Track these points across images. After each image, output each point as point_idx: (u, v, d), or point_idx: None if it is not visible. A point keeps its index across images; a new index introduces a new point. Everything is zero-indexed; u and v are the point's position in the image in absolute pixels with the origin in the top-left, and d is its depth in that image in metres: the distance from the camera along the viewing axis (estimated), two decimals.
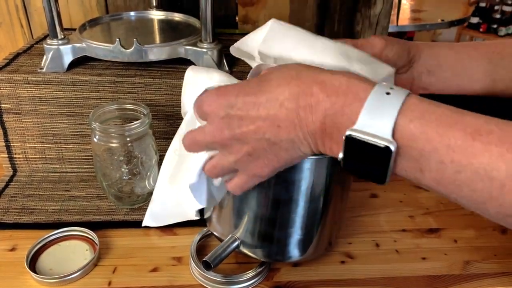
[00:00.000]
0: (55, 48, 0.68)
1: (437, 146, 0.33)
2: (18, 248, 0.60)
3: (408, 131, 0.34)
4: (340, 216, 0.57)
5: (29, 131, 0.71)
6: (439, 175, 0.33)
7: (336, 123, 0.36)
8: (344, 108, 0.36)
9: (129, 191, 0.65)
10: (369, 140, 0.34)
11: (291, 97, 0.38)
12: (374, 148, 0.34)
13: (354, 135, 0.35)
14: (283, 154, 0.41)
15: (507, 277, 0.57)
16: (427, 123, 0.33)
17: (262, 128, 0.39)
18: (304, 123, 0.38)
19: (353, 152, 0.36)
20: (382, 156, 0.34)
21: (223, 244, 0.53)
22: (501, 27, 3.56)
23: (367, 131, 0.34)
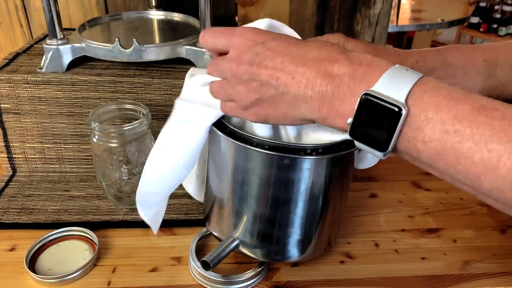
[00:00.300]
0: (54, 48, 0.68)
1: (444, 116, 0.35)
2: (18, 248, 0.60)
3: (420, 100, 0.36)
4: (339, 216, 0.57)
5: (28, 131, 0.71)
6: (441, 145, 0.35)
7: (351, 87, 0.38)
8: (364, 75, 0.38)
9: (128, 191, 0.65)
10: (382, 101, 0.36)
11: (317, 58, 0.40)
12: (385, 110, 0.36)
13: (369, 96, 0.37)
14: (282, 107, 0.42)
15: (506, 277, 0.57)
16: (438, 95, 0.36)
17: (278, 74, 0.41)
18: (318, 83, 0.39)
19: (363, 114, 0.37)
20: (391, 119, 0.36)
21: (222, 244, 0.53)
22: (501, 27, 3.56)
23: (383, 93, 0.36)
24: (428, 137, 0.35)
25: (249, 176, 0.49)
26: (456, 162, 0.35)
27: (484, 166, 0.33)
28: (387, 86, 0.37)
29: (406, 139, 0.37)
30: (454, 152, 0.34)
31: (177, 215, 0.66)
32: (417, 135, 0.36)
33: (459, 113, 0.34)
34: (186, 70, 0.71)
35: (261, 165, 0.48)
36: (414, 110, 0.36)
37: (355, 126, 0.38)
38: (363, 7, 0.95)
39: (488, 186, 0.34)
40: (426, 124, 0.35)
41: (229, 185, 0.52)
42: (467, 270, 0.58)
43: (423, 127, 0.35)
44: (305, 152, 0.48)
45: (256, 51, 0.42)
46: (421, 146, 0.36)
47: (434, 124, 0.35)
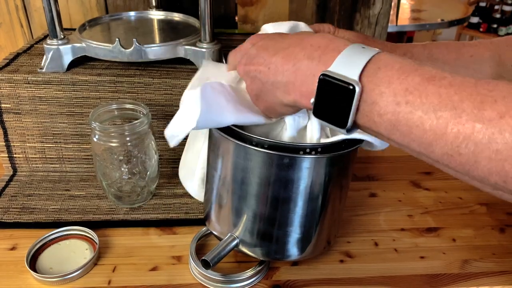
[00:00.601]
0: (55, 48, 0.68)
1: (396, 88, 0.36)
2: (19, 247, 0.60)
3: (374, 76, 0.37)
4: (338, 215, 0.57)
5: (29, 130, 0.71)
6: (395, 117, 0.36)
7: (311, 68, 0.41)
8: (321, 56, 0.40)
9: (128, 191, 0.66)
10: (337, 80, 0.38)
11: (285, 46, 0.44)
12: (341, 88, 0.38)
13: (326, 76, 0.39)
14: (269, 97, 0.46)
15: (505, 276, 0.57)
16: (391, 70, 0.37)
17: (259, 68, 0.46)
18: (285, 68, 0.43)
19: (323, 94, 0.39)
20: (347, 97, 0.38)
21: (222, 243, 0.53)
22: (501, 26, 3.56)
23: (338, 72, 0.38)
24: (383, 110, 0.37)
25: (248, 175, 0.50)
26: (409, 132, 0.36)
27: (434, 133, 0.35)
28: (342, 65, 0.39)
29: (364, 114, 0.38)
30: (406, 122, 0.36)
31: (177, 214, 0.66)
32: (372, 109, 0.37)
33: (409, 84, 0.36)
34: (186, 70, 0.71)
35: (261, 164, 0.48)
36: (369, 86, 0.37)
37: (317, 105, 0.40)
38: (362, 7, 0.95)
39: (439, 152, 0.35)
40: (380, 98, 0.37)
41: (229, 184, 0.52)
42: (466, 269, 0.59)
43: (378, 101, 0.37)
44: (304, 151, 0.48)
45: (249, 53, 0.48)
46: (378, 119, 0.37)
47: (387, 97, 0.36)
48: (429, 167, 0.80)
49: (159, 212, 0.67)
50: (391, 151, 0.82)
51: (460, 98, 0.33)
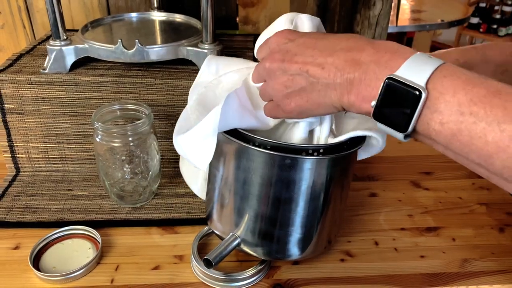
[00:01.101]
0: (57, 49, 0.68)
1: (461, 99, 0.36)
2: (22, 246, 0.60)
3: (439, 84, 0.38)
4: (339, 215, 0.58)
5: (32, 131, 0.72)
6: (457, 126, 0.36)
7: (377, 73, 0.40)
8: (388, 61, 0.40)
9: (131, 190, 0.66)
10: (404, 85, 0.38)
11: (345, 48, 0.43)
12: (407, 93, 0.38)
13: (392, 80, 0.39)
14: (314, 97, 0.45)
15: (504, 275, 0.58)
16: (457, 80, 0.37)
17: (307, 66, 0.44)
18: (347, 71, 0.42)
19: (386, 97, 0.39)
20: (412, 101, 0.38)
21: (224, 242, 0.53)
22: (501, 27, 3.56)
23: (405, 77, 0.38)
24: (446, 119, 0.37)
25: (250, 176, 0.50)
26: (470, 142, 0.36)
27: (497, 145, 0.35)
28: (409, 71, 0.39)
29: (425, 121, 0.38)
30: (469, 133, 0.36)
31: (179, 214, 0.67)
32: (435, 117, 0.38)
33: (475, 96, 0.36)
34: (188, 71, 0.72)
35: (263, 165, 0.49)
36: (434, 93, 0.38)
37: (378, 108, 0.40)
38: (363, 8, 0.96)
39: (500, 165, 0.35)
40: (444, 107, 0.37)
41: (231, 184, 0.53)
42: (465, 268, 0.59)
43: (441, 109, 0.37)
44: (306, 152, 0.48)
45: (286, 49, 0.46)
46: (439, 127, 0.38)
47: (451, 106, 0.37)
48: (429, 167, 0.80)
49: (161, 211, 0.67)
50: (391, 151, 0.83)
51: None
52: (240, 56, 0.79)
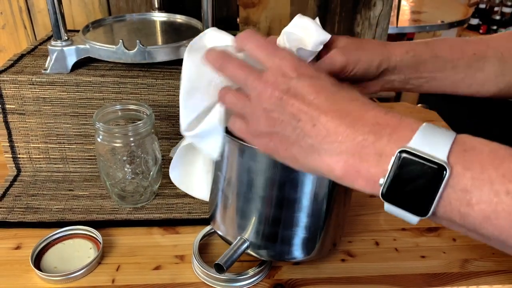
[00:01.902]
0: (59, 49, 0.69)
1: (491, 175, 0.32)
2: (23, 246, 0.60)
3: (462, 158, 0.33)
4: (344, 216, 0.58)
5: (33, 131, 0.72)
6: (491, 208, 0.31)
7: (377, 147, 0.35)
8: (392, 134, 0.35)
9: (132, 191, 0.66)
10: (422, 159, 0.33)
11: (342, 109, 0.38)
12: (426, 169, 0.33)
13: (406, 153, 0.33)
14: (294, 150, 0.40)
15: (504, 275, 0.58)
16: (481, 154, 0.33)
17: (301, 115, 0.38)
18: (336, 140, 0.37)
19: (399, 174, 0.34)
20: (433, 179, 0.33)
21: (233, 246, 0.53)
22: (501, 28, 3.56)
23: (422, 150, 0.33)
24: (475, 199, 0.32)
25: (254, 177, 0.50)
26: (509, 226, 0.31)
27: None
28: (424, 144, 0.33)
29: (448, 202, 0.33)
30: (508, 215, 0.31)
31: (180, 214, 0.67)
32: (461, 197, 0.32)
33: (507, 171, 0.31)
34: None
35: (267, 166, 0.49)
36: (457, 169, 0.32)
37: (389, 188, 0.34)
38: (363, 9, 0.96)
39: None
40: (471, 185, 0.32)
41: (234, 185, 0.52)
42: (466, 268, 0.59)
43: (469, 188, 0.32)
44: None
45: (290, 85, 0.40)
46: (466, 209, 0.32)
47: (482, 185, 0.32)
48: None
49: (162, 211, 0.67)
50: None
51: None
52: None
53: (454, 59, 0.55)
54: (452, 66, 0.55)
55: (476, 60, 0.55)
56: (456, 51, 0.55)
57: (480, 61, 0.55)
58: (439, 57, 0.55)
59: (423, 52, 0.54)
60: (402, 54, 0.53)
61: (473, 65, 0.55)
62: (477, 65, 0.55)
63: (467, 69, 0.55)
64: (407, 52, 0.54)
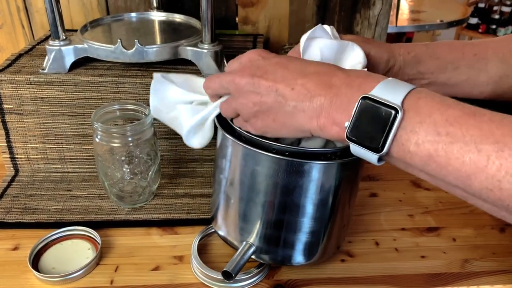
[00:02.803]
0: (57, 49, 0.68)
1: (436, 119, 0.36)
2: (21, 247, 0.60)
3: (415, 104, 0.37)
4: (348, 220, 0.57)
5: (31, 131, 0.72)
6: (433, 147, 0.36)
7: (349, 96, 0.40)
8: (361, 85, 0.40)
9: (130, 191, 0.66)
10: (380, 104, 0.38)
11: (316, 72, 0.43)
12: (382, 112, 0.38)
13: (367, 99, 0.39)
14: (280, 117, 0.44)
15: (505, 275, 0.58)
16: (431, 101, 0.37)
17: (277, 85, 0.43)
18: (317, 93, 0.42)
19: (360, 117, 0.39)
20: (388, 120, 0.37)
21: (240, 251, 0.52)
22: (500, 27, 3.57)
23: (380, 96, 0.38)
24: (421, 139, 0.36)
25: (258, 180, 0.50)
26: (447, 163, 0.36)
27: (475, 166, 0.34)
28: (384, 92, 0.38)
29: (400, 142, 0.38)
30: (445, 154, 0.35)
31: (179, 214, 0.67)
32: (410, 137, 0.37)
33: (450, 116, 0.36)
34: (187, 71, 0.72)
35: (271, 170, 0.48)
36: (409, 113, 0.37)
37: (351, 129, 0.40)
38: (362, 8, 0.96)
39: (478, 186, 0.35)
40: (420, 126, 0.37)
41: (237, 188, 0.52)
42: (466, 268, 0.59)
43: (417, 129, 0.37)
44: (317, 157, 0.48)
45: (258, 65, 0.46)
46: (414, 148, 0.37)
47: (427, 126, 0.36)
48: None
49: (160, 212, 0.67)
50: None
51: (502, 133, 0.33)
52: None
53: (455, 60, 0.55)
54: (453, 67, 0.55)
55: (477, 61, 0.55)
56: (456, 52, 0.56)
57: (482, 62, 0.55)
58: (439, 58, 0.55)
59: (423, 53, 0.55)
60: (404, 54, 0.55)
61: (475, 66, 0.55)
62: (479, 66, 0.55)
63: (469, 70, 0.55)
64: (408, 53, 0.55)
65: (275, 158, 0.47)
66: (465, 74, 0.55)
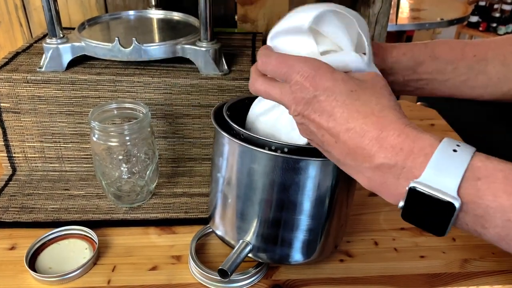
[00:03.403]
0: (54, 47, 0.68)
1: (503, 204, 0.33)
2: (18, 247, 0.60)
3: (474, 189, 0.34)
4: (346, 218, 0.57)
5: (28, 130, 0.71)
6: (505, 232, 0.34)
7: (393, 173, 0.37)
8: (406, 161, 0.37)
9: (128, 190, 0.66)
10: (433, 195, 0.35)
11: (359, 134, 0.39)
12: (437, 202, 0.35)
13: (418, 188, 0.35)
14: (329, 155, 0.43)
15: (504, 275, 0.57)
16: (494, 181, 0.34)
17: (322, 131, 0.41)
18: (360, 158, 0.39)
19: (414, 203, 0.36)
20: (445, 211, 0.35)
21: (236, 249, 0.52)
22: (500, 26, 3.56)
23: (432, 185, 0.35)
24: (489, 224, 0.34)
25: (255, 178, 0.49)
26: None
27: None
28: (435, 177, 0.35)
29: (464, 223, 0.36)
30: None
31: (176, 213, 0.66)
32: (476, 220, 0.35)
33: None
34: (186, 69, 0.71)
35: (268, 167, 0.48)
36: (470, 198, 0.34)
37: (406, 212, 0.37)
38: (362, 6, 0.95)
39: None
40: (484, 212, 0.34)
41: (234, 187, 0.52)
42: (466, 268, 0.59)
43: (482, 215, 0.34)
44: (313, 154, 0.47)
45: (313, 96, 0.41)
46: (482, 230, 0.35)
47: (494, 213, 0.34)
48: None
49: (158, 211, 0.67)
50: None
51: None
52: (238, 55, 0.78)
53: (455, 61, 0.54)
54: (452, 68, 0.54)
55: (477, 62, 0.54)
56: (456, 53, 0.55)
57: (481, 63, 0.54)
58: (438, 58, 0.54)
59: (422, 53, 0.54)
60: (398, 56, 0.54)
61: (474, 67, 0.54)
62: (479, 67, 0.54)
63: (469, 71, 0.54)
64: (404, 54, 0.54)
65: (271, 155, 0.47)
66: (464, 75, 0.54)
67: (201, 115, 0.72)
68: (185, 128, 0.73)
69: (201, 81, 0.69)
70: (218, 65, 0.70)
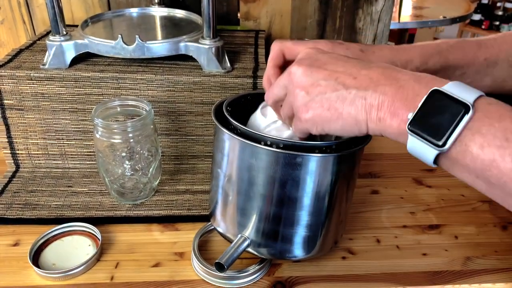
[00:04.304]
0: (57, 44, 0.68)
1: (507, 126, 0.35)
2: (21, 243, 0.60)
3: (485, 108, 0.36)
4: (345, 214, 0.57)
5: (31, 127, 0.71)
6: (500, 152, 0.34)
7: (416, 89, 0.39)
8: (429, 82, 0.39)
9: (131, 187, 0.66)
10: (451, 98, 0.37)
11: (380, 66, 0.42)
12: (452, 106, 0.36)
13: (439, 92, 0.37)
14: (338, 104, 0.42)
15: (507, 273, 0.57)
16: (502, 109, 0.36)
17: (338, 74, 0.42)
18: (382, 83, 0.40)
19: (427, 109, 0.37)
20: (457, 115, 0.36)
21: (234, 244, 0.52)
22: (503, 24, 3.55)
23: (453, 92, 0.37)
24: (487, 142, 0.35)
25: (255, 174, 0.49)
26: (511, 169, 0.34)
27: None
28: (455, 90, 0.37)
29: (463, 142, 0.36)
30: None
31: (179, 210, 0.66)
32: (476, 138, 0.35)
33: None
34: (188, 67, 0.71)
35: (267, 163, 0.48)
36: (479, 115, 0.36)
37: (415, 120, 0.38)
38: (365, 4, 0.95)
39: None
40: (487, 130, 0.35)
41: (235, 183, 0.52)
42: (468, 266, 0.59)
43: (484, 132, 0.35)
44: (312, 150, 0.47)
45: (316, 58, 0.45)
46: (478, 151, 0.35)
47: (496, 131, 0.35)
48: None
49: (161, 208, 0.67)
50: (393, 148, 0.82)
51: None
52: (240, 52, 0.78)
53: (464, 66, 0.55)
54: (460, 73, 0.55)
55: (487, 66, 0.55)
56: (468, 58, 0.55)
57: (490, 66, 0.55)
58: (450, 66, 0.54)
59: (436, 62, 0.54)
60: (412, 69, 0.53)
61: (481, 70, 0.55)
62: (486, 70, 0.55)
63: (476, 75, 0.55)
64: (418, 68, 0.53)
65: (271, 151, 0.47)
66: (469, 78, 0.55)
67: (203, 112, 0.72)
68: (188, 126, 0.73)
69: (204, 78, 0.69)
70: (221, 63, 0.70)
